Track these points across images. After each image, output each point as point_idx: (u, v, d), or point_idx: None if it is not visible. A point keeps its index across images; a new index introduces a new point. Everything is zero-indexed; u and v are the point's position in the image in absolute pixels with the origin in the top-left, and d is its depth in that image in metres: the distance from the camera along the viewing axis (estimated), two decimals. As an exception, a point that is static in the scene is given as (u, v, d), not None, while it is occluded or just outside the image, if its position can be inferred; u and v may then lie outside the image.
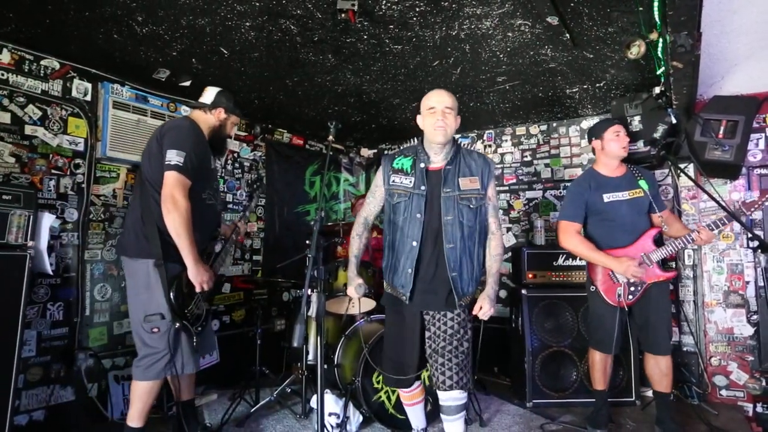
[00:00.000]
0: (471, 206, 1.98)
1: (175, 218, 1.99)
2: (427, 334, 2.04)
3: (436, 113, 1.95)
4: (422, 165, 2.03)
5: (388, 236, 2.10)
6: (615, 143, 2.57)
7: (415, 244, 1.97)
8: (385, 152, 2.35)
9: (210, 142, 2.34)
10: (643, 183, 2.55)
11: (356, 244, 2.16)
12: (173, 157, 2.03)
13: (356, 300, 2.12)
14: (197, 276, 2.09)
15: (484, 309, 1.97)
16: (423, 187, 1.99)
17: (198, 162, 2.13)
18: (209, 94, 2.37)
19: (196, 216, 2.09)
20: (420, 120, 2.06)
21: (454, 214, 1.96)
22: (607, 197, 2.56)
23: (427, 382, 2.51)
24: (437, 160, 2.03)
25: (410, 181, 2.01)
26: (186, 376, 2.36)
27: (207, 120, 2.34)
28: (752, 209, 2.30)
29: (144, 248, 2.05)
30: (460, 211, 1.96)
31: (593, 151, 2.74)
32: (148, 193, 2.10)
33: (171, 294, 2.03)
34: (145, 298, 2.05)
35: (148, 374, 2.05)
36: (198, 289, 2.14)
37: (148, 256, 2.04)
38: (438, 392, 1.97)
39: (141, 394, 2.06)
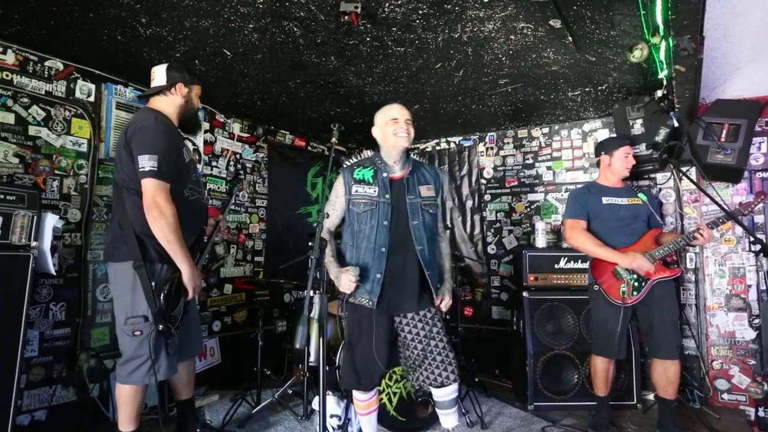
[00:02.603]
0: (430, 212, 2.13)
1: (162, 226, 1.93)
2: (402, 335, 2.10)
3: (400, 122, 2.08)
4: (384, 174, 2.11)
5: (351, 246, 2.12)
6: (622, 163, 2.67)
7: (383, 250, 2.02)
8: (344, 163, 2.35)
9: (183, 123, 2.24)
10: (642, 195, 2.65)
11: (329, 248, 2.14)
12: (146, 162, 1.94)
13: (353, 288, 2.04)
14: (192, 281, 2.06)
15: (446, 301, 2.13)
16: (387, 196, 2.07)
17: (173, 160, 2.05)
18: (159, 74, 2.19)
19: (182, 217, 2.03)
20: (377, 131, 2.16)
21: (419, 219, 2.08)
22: (606, 200, 2.66)
23: (410, 388, 2.58)
24: (397, 169, 2.14)
25: (374, 190, 2.08)
26: (184, 375, 2.33)
27: (172, 102, 2.19)
28: (749, 209, 2.39)
29: (125, 251, 2.02)
30: (423, 216, 2.09)
31: (598, 163, 2.80)
32: (123, 198, 2.05)
33: (161, 297, 1.97)
34: (128, 299, 2.00)
35: (132, 379, 2.00)
36: (191, 295, 2.10)
37: (129, 259, 2.00)
38: (436, 390, 2.09)
39: (127, 398, 2.03)
